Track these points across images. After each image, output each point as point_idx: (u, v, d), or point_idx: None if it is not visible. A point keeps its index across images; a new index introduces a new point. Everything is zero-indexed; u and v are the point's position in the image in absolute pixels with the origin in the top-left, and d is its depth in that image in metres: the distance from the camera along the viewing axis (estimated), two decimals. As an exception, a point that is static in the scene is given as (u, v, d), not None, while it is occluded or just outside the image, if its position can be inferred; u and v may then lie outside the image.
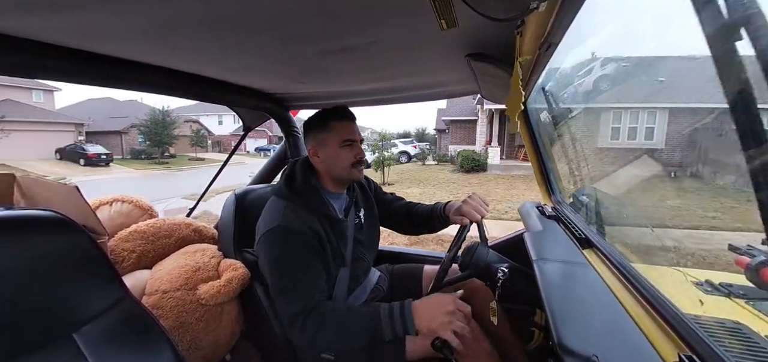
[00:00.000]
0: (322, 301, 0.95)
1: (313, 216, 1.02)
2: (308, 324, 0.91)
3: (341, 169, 1.09)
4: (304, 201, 1.04)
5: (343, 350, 1.02)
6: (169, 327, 1.08)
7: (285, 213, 1.00)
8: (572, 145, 1.44)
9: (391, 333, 0.88)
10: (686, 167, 5.93)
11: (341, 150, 1.07)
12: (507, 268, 1.05)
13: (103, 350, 0.71)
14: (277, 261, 0.97)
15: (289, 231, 0.97)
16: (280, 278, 0.97)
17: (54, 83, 19.88)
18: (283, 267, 0.97)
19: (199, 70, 1.10)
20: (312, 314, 0.92)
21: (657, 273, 0.95)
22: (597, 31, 1.05)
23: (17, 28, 0.70)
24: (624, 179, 3.09)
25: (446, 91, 1.52)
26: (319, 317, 0.91)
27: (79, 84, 0.91)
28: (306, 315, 0.91)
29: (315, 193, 1.08)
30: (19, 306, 0.65)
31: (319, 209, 1.05)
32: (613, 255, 0.86)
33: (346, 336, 0.91)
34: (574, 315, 0.69)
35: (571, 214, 1.25)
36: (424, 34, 0.78)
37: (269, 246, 0.99)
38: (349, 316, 0.93)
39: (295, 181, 1.08)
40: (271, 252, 0.99)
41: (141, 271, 1.20)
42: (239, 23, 0.70)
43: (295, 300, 0.94)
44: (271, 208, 1.06)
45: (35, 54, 0.76)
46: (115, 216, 1.28)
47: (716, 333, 0.66)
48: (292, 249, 0.97)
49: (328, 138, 1.07)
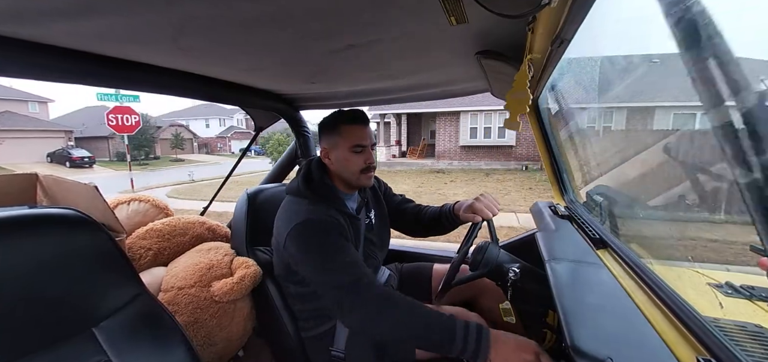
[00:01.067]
0: (374, 280, 0.93)
1: (334, 211, 1.03)
2: (362, 291, 0.88)
3: (350, 173, 1.08)
4: (323, 199, 1.05)
5: (393, 339, 0.95)
6: (184, 323, 1.11)
7: (309, 208, 1.01)
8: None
9: (462, 348, 0.81)
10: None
11: (351, 154, 1.06)
12: (518, 268, 1.04)
13: (121, 344, 0.73)
14: (315, 247, 0.95)
15: (319, 221, 0.97)
16: (323, 260, 0.94)
17: (48, 94, 23.72)
18: (323, 249, 0.95)
19: (211, 72, 1.12)
20: (366, 282, 0.89)
21: (674, 274, 0.93)
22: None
23: (38, 34, 0.73)
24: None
25: (456, 89, 1.51)
26: (373, 287, 0.89)
27: (95, 87, 0.93)
28: (358, 282, 0.88)
29: (331, 191, 1.09)
30: (42, 300, 0.67)
31: (337, 206, 1.06)
32: (629, 256, 0.84)
33: (421, 325, 0.85)
34: (588, 316, 0.67)
35: (584, 214, 1.23)
36: (433, 31, 0.78)
37: (303, 238, 0.97)
38: (415, 305, 0.88)
39: (313, 180, 1.09)
40: (306, 242, 0.97)
41: (157, 268, 1.23)
42: (249, 24, 0.71)
43: (345, 272, 0.91)
44: (291, 206, 1.05)
45: (56, 59, 0.79)
46: (132, 215, 1.32)
47: (736, 336, 0.63)
48: (327, 235, 0.96)
49: (338, 141, 1.07)
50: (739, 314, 0.76)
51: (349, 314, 0.89)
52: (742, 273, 1.00)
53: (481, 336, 0.81)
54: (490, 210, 1.07)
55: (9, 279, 0.63)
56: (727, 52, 0.39)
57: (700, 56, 0.41)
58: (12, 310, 0.63)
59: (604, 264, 0.88)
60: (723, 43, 0.39)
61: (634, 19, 1.04)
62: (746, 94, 0.37)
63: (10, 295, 0.63)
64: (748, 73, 0.37)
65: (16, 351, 0.63)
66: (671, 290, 0.66)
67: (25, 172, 0.99)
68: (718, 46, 0.39)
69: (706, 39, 0.40)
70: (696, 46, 0.41)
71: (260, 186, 1.44)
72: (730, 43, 0.39)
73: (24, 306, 0.65)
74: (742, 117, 0.37)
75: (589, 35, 0.74)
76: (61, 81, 0.87)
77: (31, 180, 1.07)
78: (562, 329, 0.63)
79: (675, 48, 0.43)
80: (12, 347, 0.62)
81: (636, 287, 0.75)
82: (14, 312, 0.64)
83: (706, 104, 0.41)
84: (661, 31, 0.44)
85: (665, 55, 1.16)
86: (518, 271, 1.03)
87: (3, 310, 0.62)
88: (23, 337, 0.64)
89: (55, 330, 0.68)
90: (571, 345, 0.59)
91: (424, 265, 1.37)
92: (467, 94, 1.54)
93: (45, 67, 0.80)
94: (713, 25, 0.39)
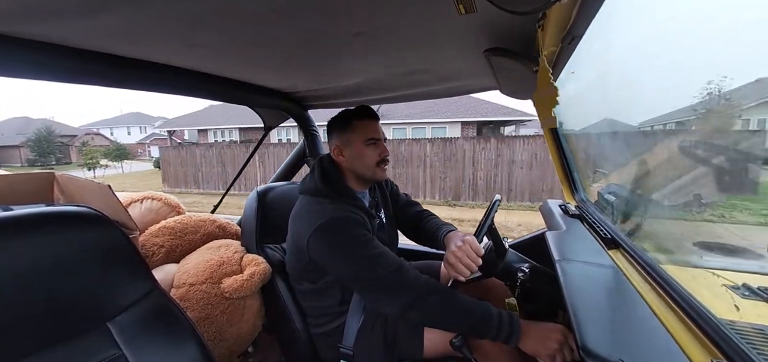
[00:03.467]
0: (406, 263, 0.95)
1: (355, 208, 1.04)
2: (403, 277, 0.91)
3: (366, 167, 1.10)
4: (343, 197, 1.06)
5: (437, 323, 0.93)
6: (196, 319, 1.13)
7: (331, 208, 1.01)
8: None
9: (496, 333, 0.87)
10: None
11: (366, 148, 1.08)
12: (527, 268, 1.03)
13: (134, 339, 0.75)
14: (346, 243, 0.95)
15: (344, 218, 0.98)
16: (357, 255, 0.94)
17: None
18: (356, 245, 0.95)
19: (220, 70, 1.12)
20: (405, 269, 0.93)
21: (688, 275, 0.90)
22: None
23: (47, 34, 0.74)
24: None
25: (464, 87, 1.49)
26: (411, 273, 0.92)
27: (97, 86, 0.92)
28: (398, 270, 0.92)
29: (350, 189, 1.10)
30: (59, 295, 0.69)
31: (356, 203, 1.06)
32: (642, 257, 0.83)
33: (451, 311, 0.90)
34: (599, 317, 0.66)
35: (596, 213, 1.21)
36: (440, 21, 0.76)
37: (329, 235, 0.96)
38: (454, 294, 0.92)
39: (331, 179, 1.09)
40: (335, 240, 0.96)
41: (169, 265, 1.26)
42: (256, 19, 0.71)
43: (382, 263, 0.93)
44: (312, 207, 1.04)
45: (61, 58, 0.80)
46: (145, 213, 1.34)
47: (753, 339, 0.62)
48: (355, 230, 0.97)
49: (352, 137, 1.08)
50: (756, 316, 0.74)
51: (391, 302, 0.91)
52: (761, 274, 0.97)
53: (513, 320, 0.89)
54: (468, 268, 0.93)
55: (28, 275, 0.65)
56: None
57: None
58: (31, 305, 0.66)
59: (616, 265, 0.86)
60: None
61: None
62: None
63: (30, 291, 0.66)
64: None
65: (32, 345, 0.65)
66: (685, 292, 0.64)
67: (43, 171, 1.02)
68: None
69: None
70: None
71: (270, 184, 1.45)
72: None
73: (42, 301, 0.67)
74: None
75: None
76: (67, 81, 0.87)
77: (48, 178, 1.10)
78: (573, 330, 0.63)
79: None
80: (29, 340, 0.65)
81: (649, 288, 0.73)
82: (34, 307, 0.66)
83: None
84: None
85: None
86: (527, 271, 1.02)
87: (22, 304, 0.65)
88: (40, 331, 0.66)
89: (71, 324, 0.70)
90: (582, 346, 0.58)
91: (432, 264, 1.36)
92: (475, 92, 1.52)
93: (52, 67, 0.81)
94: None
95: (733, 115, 1.03)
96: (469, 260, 0.93)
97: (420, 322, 1.01)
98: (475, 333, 0.90)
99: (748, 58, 0.90)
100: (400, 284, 0.92)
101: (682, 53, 1.02)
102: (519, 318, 0.90)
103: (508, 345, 0.87)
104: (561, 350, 0.83)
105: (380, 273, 0.92)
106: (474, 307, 0.90)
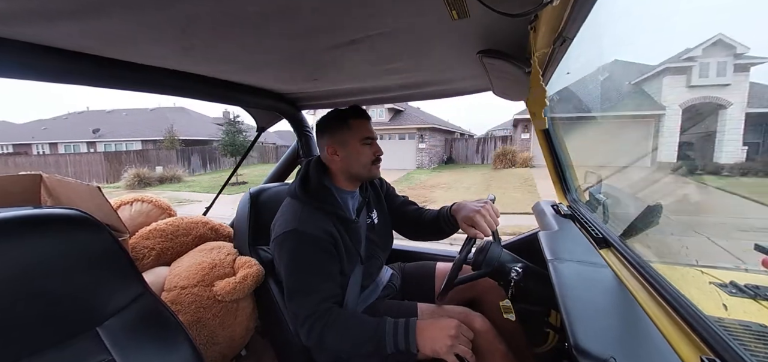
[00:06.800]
0: (331, 308, 0.97)
1: (328, 218, 1.03)
2: (315, 328, 0.94)
3: (361, 166, 1.10)
4: (318, 204, 1.05)
5: (352, 355, 0.99)
6: (187, 322, 1.11)
7: (300, 216, 1.02)
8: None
9: (394, 347, 0.91)
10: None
11: (362, 147, 1.09)
12: (520, 268, 1.04)
13: (125, 344, 0.73)
14: (291, 264, 1.00)
15: (303, 235, 0.99)
16: (293, 281, 1.00)
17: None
18: (297, 270, 0.99)
19: (214, 72, 1.12)
20: (320, 319, 0.94)
21: (678, 274, 0.92)
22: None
23: (45, 36, 0.73)
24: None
25: (458, 88, 1.50)
26: (326, 322, 0.94)
27: (95, 88, 0.94)
28: (314, 319, 0.95)
29: (329, 194, 1.09)
30: (47, 300, 0.68)
31: (333, 211, 1.06)
32: (632, 256, 0.84)
33: (350, 343, 0.93)
34: (591, 316, 0.67)
35: (587, 213, 1.22)
36: (434, 26, 0.77)
37: (284, 249, 1.01)
38: (354, 324, 0.95)
39: (310, 183, 1.09)
40: (286, 255, 1.01)
41: (160, 268, 1.24)
42: (250, 20, 0.71)
43: (306, 304, 0.96)
44: (286, 210, 1.08)
45: (59, 60, 0.80)
46: (135, 215, 1.32)
47: (741, 336, 0.63)
48: (306, 254, 0.99)
49: (348, 136, 1.08)
50: (743, 313, 0.75)
51: (302, 335, 0.97)
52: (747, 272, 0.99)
53: (408, 328, 0.92)
54: (489, 226, 1.01)
55: (15, 279, 0.64)
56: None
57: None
58: (18, 309, 0.64)
59: (607, 264, 0.87)
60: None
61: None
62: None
63: (16, 294, 0.64)
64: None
65: (22, 350, 0.63)
66: (675, 289, 0.65)
67: (30, 173, 0.99)
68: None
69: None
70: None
71: (263, 186, 1.44)
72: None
73: (30, 305, 0.65)
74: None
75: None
76: (61, 82, 0.88)
77: (35, 180, 1.07)
78: (565, 329, 0.63)
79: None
80: (18, 345, 0.63)
81: (639, 287, 0.74)
82: (20, 311, 0.64)
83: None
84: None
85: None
86: (520, 271, 1.03)
87: (9, 309, 0.63)
88: (29, 336, 0.64)
89: (60, 329, 0.68)
90: (574, 345, 0.58)
91: (427, 264, 1.36)
92: (468, 93, 1.53)
93: (46, 69, 0.81)
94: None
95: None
96: (490, 218, 1.01)
97: (331, 353, 1.00)
98: (381, 351, 0.91)
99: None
100: (317, 329, 0.94)
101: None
102: (416, 322, 0.93)
103: (408, 351, 0.90)
104: (457, 340, 0.88)
105: (300, 301, 0.97)
106: (372, 327, 0.93)
